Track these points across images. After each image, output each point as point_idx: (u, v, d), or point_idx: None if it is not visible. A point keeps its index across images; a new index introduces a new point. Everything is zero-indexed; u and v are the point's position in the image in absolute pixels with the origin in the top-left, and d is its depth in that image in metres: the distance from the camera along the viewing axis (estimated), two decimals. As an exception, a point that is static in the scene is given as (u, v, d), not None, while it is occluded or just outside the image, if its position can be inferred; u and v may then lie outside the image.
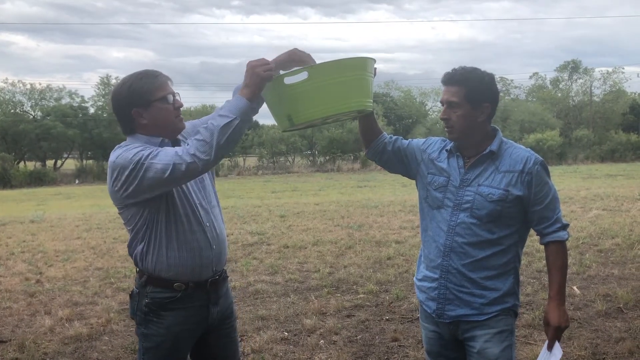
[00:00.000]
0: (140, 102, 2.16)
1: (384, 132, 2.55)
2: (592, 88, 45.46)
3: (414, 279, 2.52)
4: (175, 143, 2.28)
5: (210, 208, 2.31)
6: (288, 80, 2.10)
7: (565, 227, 2.29)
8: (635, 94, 47.31)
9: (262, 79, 2.04)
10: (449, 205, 2.31)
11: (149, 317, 2.23)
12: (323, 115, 2.17)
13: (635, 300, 5.22)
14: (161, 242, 2.17)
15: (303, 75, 2.09)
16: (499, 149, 2.29)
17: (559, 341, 2.28)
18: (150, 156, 2.02)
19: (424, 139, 2.54)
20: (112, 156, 2.12)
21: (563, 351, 2.33)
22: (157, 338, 2.23)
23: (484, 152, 2.29)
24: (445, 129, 2.32)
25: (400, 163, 2.54)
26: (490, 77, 2.31)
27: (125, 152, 2.08)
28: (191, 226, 2.20)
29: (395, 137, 2.57)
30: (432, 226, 2.38)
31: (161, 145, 2.19)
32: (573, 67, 45.43)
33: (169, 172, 1.99)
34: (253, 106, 2.08)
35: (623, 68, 45.95)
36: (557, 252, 2.28)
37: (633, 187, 16.13)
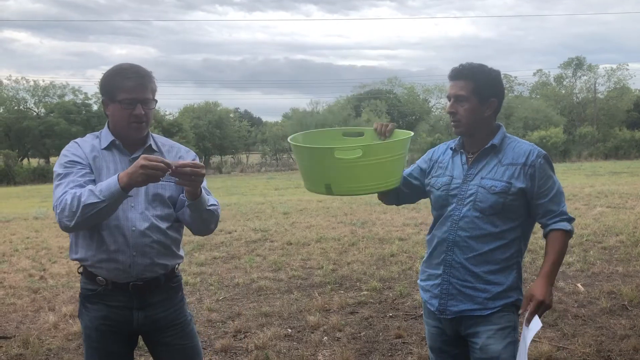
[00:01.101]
0: (107, 95, 2.27)
1: None
2: (596, 85, 45.36)
3: (418, 281, 2.53)
4: (134, 147, 2.30)
5: (149, 214, 2.25)
6: (339, 154, 2.11)
7: (570, 220, 2.28)
8: (639, 90, 47.15)
9: (137, 182, 2.04)
10: (453, 202, 2.32)
11: (81, 307, 2.34)
12: (365, 192, 2.23)
13: (640, 297, 5.21)
14: (85, 236, 2.24)
15: (356, 153, 2.12)
16: (501, 143, 2.31)
17: (539, 317, 2.20)
18: (56, 181, 2.19)
19: (428, 151, 2.58)
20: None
21: (568, 348, 2.30)
22: (86, 330, 2.33)
23: (486, 146, 2.31)
24: (452, 123, 2.33)
25: (414, 190, 2.54)
26: (497, 73, 2.34)
27: (61, 156, 2.26)
28: (110, 230, 2.20)
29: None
30: (437, 224, 2.40)
31: (110, 146, 2.29)
32: (577, 64, 45.33)
33: (53, 206, 2.16)
34: (126, 194, 2.08)
35: (627, 65, 45.82)
36: (557, 238, 2.26)
37: (637, 185, 16.08)
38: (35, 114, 42.31)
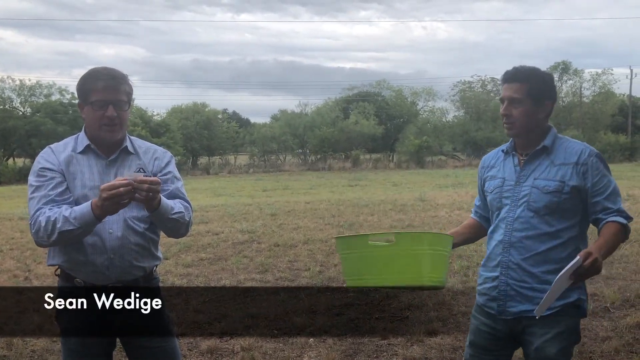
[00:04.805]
0: (81, 97, 2.26)
1: (474, 221, 2.62)
2: (582, 89, 45.74)
3: (477, 286, 2.52)
4: (109, 150, 2.29)
5: (126, 216, 2.25)
6: (372, 241, 2.15)
7: (627, 218, 2.28)
8: (624, 95, 47.65)
9: (109, 212, 2.07)
10: (507, 203, 2.35)
11: (60, 308, 2.33)
12: (395, 284, 2.20)
13: (622, 299, 5.28)
14: None
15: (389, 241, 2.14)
16: (553, 144, 2.34)
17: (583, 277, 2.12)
18: (29, 192, 2.23)
19: (481, 163, 2.61)
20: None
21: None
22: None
23: (538, 148, 2.34)
24: (505, 125, 2.35)
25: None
26: (551, 76, 2.40)
27: (35, 162, 2.27)
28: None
29: (475, 209, 2.63)
30: (493, 227, 2.43)
31: (85, 150, 2.27)
32: (563, 69, 45.64)
33: (29, 223, 2.23)
34: (100, 221, 2.12)
35: (612, 69, 46.03)
36: (611, 227, 2.23)
37: (621, 188, 16.23)
38: (21, 113, 41.87)
